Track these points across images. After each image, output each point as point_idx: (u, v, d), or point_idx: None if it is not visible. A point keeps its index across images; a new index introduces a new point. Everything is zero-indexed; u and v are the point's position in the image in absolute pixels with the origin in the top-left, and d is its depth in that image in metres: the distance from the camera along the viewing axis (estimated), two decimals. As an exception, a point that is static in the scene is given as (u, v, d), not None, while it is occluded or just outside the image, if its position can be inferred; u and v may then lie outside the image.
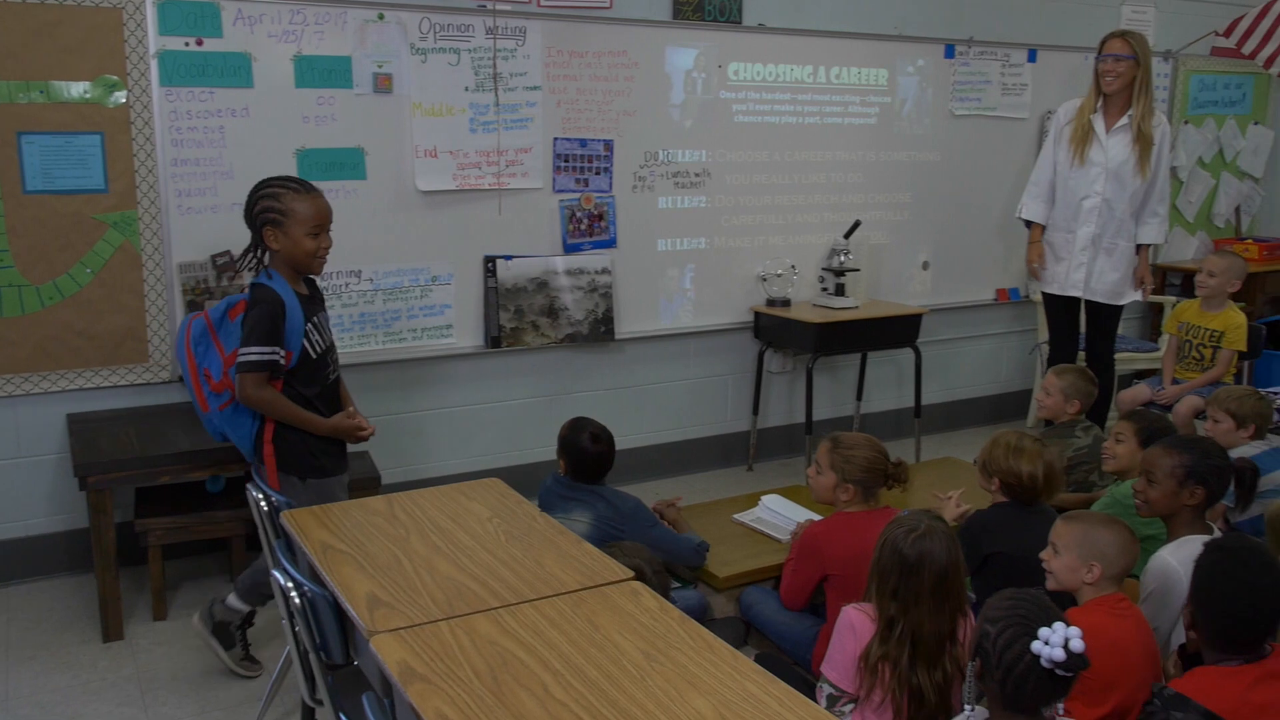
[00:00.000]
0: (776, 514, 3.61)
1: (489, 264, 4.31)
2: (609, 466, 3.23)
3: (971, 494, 3.30)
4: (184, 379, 3.03)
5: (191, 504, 3.58)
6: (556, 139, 4.36)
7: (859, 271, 5.00)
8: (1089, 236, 4.59)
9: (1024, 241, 4.86)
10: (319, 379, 2.97)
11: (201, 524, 3.54)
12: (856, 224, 4.95)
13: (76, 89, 3.55)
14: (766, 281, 4.93)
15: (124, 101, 3.62)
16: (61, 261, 3.61)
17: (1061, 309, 4.79)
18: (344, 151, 3.96)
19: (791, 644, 2.98)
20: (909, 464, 3.16)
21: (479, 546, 2.35)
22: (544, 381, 4.59)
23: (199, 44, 3.69)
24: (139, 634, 3.44)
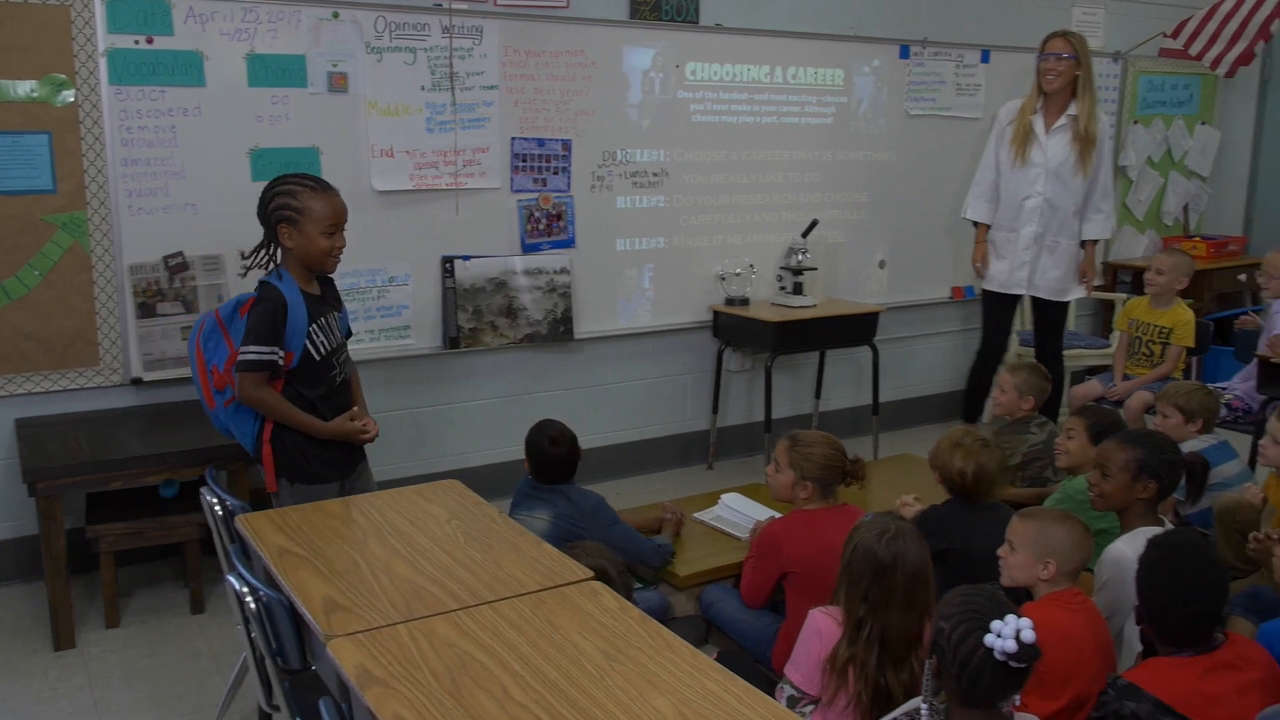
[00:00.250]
0: (736, 512, 3.62)
1: (447, 264, 4.28)
2: (571, 467, 3.22)
3: (929, 491, 3.33)
4: (192, 376, 3.01)
5: (144, 509, 3.53)
6: (514, 139, 4.34)
7: (817, 270, 5.03)
8: (1032, 235, 4.69)
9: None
10: (323, 381, 2.94)
11: (155, 529, 3.49)
12: (814, 223, 4.98)
13: (23, 88, 3.49)
14: (725, 281, 4.95)
15: (72, 101, 3.56)
16: (9, 264, 3.54)
17: (999, 307, 4.89)
18: (298, 151, 3.92)
19: (752, 641, 2.99)
20: (867, 461, 3.18)
21: (438, 549, 2.34)
22: (503, 382, 4.57)
23: (149, 42, 3.64)
24: (91, 642, 3.39)
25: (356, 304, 4.11)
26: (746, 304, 4.92)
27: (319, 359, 2.91)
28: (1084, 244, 4.78)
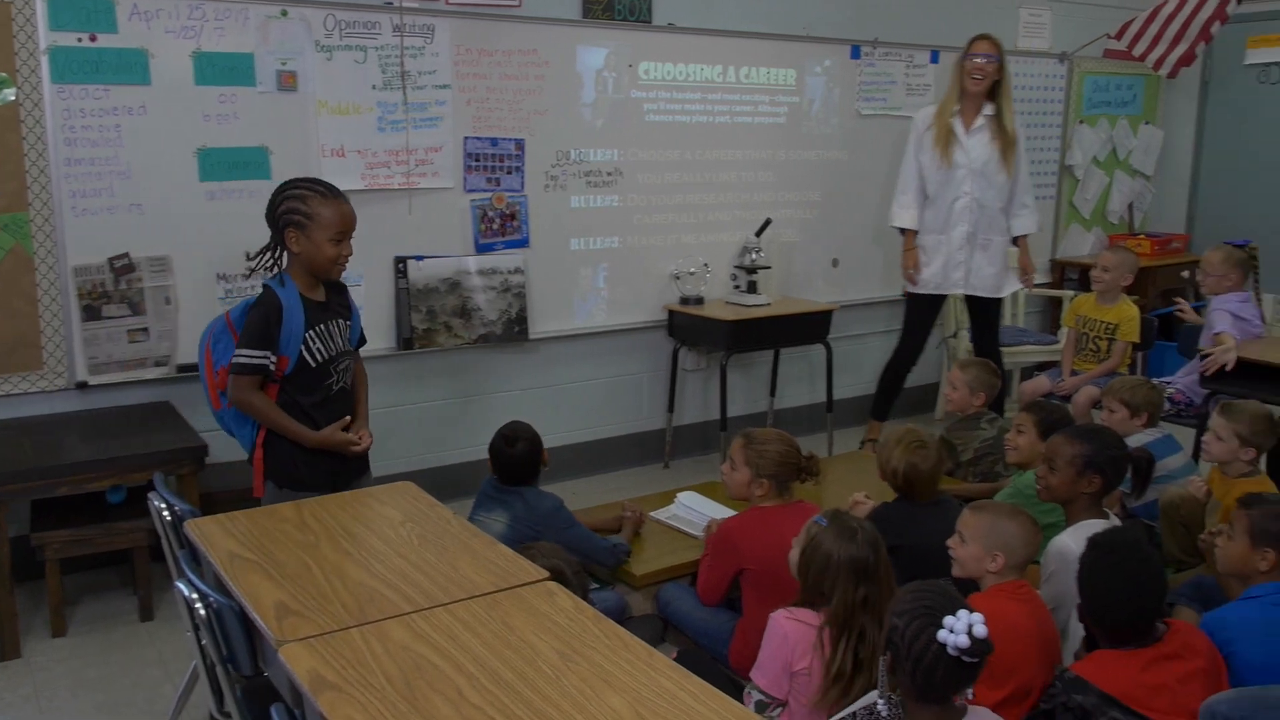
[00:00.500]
0: (693, 510, 3.63)
1: (400, 265, 4.25)
2: (531, 469, 3.20)
3: (881, 487, 3.35)
4: (200, 377, 3.00)
5: (91, 515, 3.47)
6: (467, 138, 4.32)
7: (770, 269, 5.06)
8: (964, 235, 4.80)
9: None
10: (319, 388, 2.92)
11: (102, 535, 3.43)
12: (767, 222, 5.01)
13: (-39, 86, 3.42)
14: (679, 280, 4.96)
15: (13, 99, 3.48)
16: (-53, 266, 3.47)
17: (925, 309, 5.00)
18: (247, 151, 3.87)
19: (709, 639, 3.00)
20: (821, 458, 3.21)
21: (391, 551, 2.32)
22: (458, 383, 4.54)
23: (92, 40, 3.57)
24: (37, 651, 3.32)
25: (308, 305, 4.06)
26: (701, 303, 4.94)
27: (315, 366, 2.89)
28: (1016, 240, 4.90)
